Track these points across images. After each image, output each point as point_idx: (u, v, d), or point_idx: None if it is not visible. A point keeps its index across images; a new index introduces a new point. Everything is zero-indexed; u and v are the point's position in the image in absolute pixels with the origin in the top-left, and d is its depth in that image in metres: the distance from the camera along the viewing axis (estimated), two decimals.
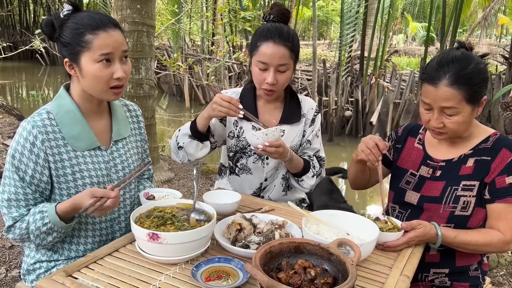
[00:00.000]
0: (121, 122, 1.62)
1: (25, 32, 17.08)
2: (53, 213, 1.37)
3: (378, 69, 9.70)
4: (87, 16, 1.41)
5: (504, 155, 1.54)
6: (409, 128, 1.84)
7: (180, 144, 1.86)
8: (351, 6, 9.23)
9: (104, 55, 1.39)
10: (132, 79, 3.82)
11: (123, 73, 1.43)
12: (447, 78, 1.47)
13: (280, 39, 1.77)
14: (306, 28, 30.49)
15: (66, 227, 1.41)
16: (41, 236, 1.41)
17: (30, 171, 1.39)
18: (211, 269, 1.27)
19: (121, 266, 1.29)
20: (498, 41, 27.14)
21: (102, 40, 1.38)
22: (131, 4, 3.67)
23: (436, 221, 1.59)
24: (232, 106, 1.70)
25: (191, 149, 1.85)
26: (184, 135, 1.85)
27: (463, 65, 1.48)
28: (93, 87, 1.44)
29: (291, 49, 1.80)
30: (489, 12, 15.42)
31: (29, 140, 1.39)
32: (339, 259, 1.16)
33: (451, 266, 1.66)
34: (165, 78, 13.01)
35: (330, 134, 8.50)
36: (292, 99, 1.98)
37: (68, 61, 1.43)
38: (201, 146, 1.87)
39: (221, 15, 9.10)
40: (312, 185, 1.99)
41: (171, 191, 1.72)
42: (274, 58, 1.77)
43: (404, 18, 27.51)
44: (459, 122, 1.51)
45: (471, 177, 1.58)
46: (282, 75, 1.81)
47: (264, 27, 1.83)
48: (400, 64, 15.74)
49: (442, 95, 1.47)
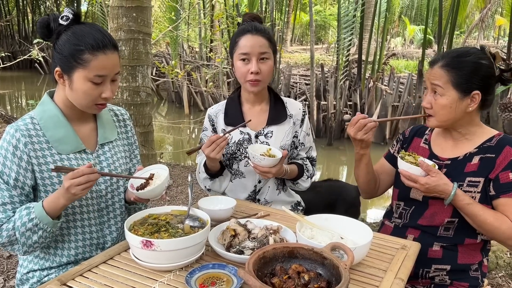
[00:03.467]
0: (107, 126, 1.63)
1: (24, 42, 17.14)
2: (40, 207, 1.36)
3: (376, 73, 9.71)
4: (90, 34, 1.40)
5: (508, 152, 1.58)
6: (415, 130, 1.89)
7: (208, 187, 2.04)
8: (348, 10, 9.26)
9: (98, 76, 1.41)
10: (129, 86, 3.83)
11: (111, 94, 1.46)
12: (441, 60, 1.60)
13: (257, 31, 1.88)
14: (304, 32, 30.62)
15: (53, 224, 1.39)
16: (27, 234, 1.38)
17: (13, 174, 1.40)
18: (205, 275, 1.27)
19: (115, 274, 1.29)
20: (496, 42, 27.23)
21: (100, 62, 1.40)
22: (127, 12, 3.69)
23: (441, 216, 1.64)
24: (218, 141, 1.75)
25: (217, 187, 2.03)
26: (205, 180, 2.02)
27: (462, 53, 1.60)
28: (79, 101, 1.46)
29: (269, 39, 1.90)
30: (486, 14, 15.47)
31: (12, 143, 1.40)
32: (332, 263, 1.16)
33: (453, 263, 1.67)
34: (164, 85, 13.04)
35: (329, 138, 8.50)
36: (276, 101, 2.04)
37: (60, 71, 1.43)
38: (223, 178, 2.02)
39: (218, 21, 9.14)
40: (307, 187, 2.09)
41: (156, 166, 1.59)
42: (254, 47, 1.86)
43: (401, 21, 27.63)
44: (443, 104, 1.59)
45: (476, 174, 1.61)
46: (264, 64, 1.88)
47: (240, 27, 1.95)
48: (398, 67, 15.77)
49: (433, 74, 1.61)
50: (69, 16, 1.42)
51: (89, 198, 1.54)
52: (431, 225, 1.67)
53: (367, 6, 10.61)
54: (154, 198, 1.52)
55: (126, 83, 3.83)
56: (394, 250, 1.50)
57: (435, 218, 1.66)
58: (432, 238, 1.68)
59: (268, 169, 1.80)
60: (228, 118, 1.99)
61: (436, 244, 1.67)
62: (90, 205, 1.54)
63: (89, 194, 1.54)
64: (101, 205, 1.58)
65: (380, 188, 1.94)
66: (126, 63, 3.77)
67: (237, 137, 1.98)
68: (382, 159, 1.96)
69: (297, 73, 13.17)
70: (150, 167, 1.57)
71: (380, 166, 1.94)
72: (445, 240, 1.66)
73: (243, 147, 1.97)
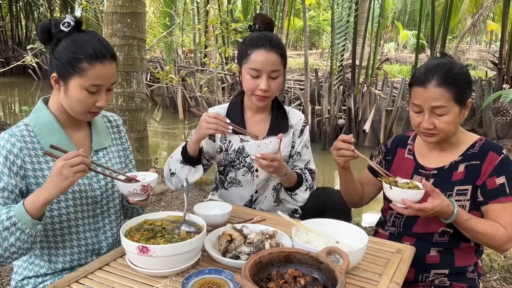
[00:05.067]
0: (101, 132, 1.63)
1: (17, 48, 17.07)
2: (20, 205, 1.31)
3: (370, 77, 9.76)
4: (89, 43, 1.41)
5: (492, 157, 1.61)
6: (397, 140, 1.88)
7: (172, 170, 1.86)
8: (341, 15, 9.32)
9: (94, 86, 1.41)
10: (123, 92, 3.84)
11: (105, 103, 1.47)
12: (435, 79, 1.56)
13: (271, 46, 1.80)
14: (297, 38, 30.73)
15: (32, 224, 1.30)
16: (3, 234, 1.30)
17: (5, 178, 1.39)
18: (201, 280, 1.27)
19: (111, 280, 1.29)
20: (488, 47, 27.49)
21: (97, 72, 1.40)
22: (122, 18, 3.70)
23: (436, 224, 1.64)
24: (219, 121, 1.69)
25: (183, 175, 1.84)
26: (175, 161, 1.85)
27: (449, 68, 1.58)
28: (72, 108, 1.46)
29: (281, 55, 1.83)
30: (477, 19, 15.60)
31: (6, 148, 1.40)
32: (328, 268, 1.17)
33: (451, 267, 1.68)
34: (158, 90, 13.03)
35: (323, 142, 8.52)
36: (279, 110, 2.00)
37: (56, 77, 1.44)
38: (194, 170, 1.86)
39: (213, 27, 9.16)
40: (305, 199, 1.99)
41: (144, 173, 1.57)
42: (266, 65, 1.79)
43: (394, 26, 27.82)
44: (449, 121, 1.57)
45: (463, 182, 1.63)
46: (274, 81, 1.84)
47: (253, 36, 1.85)
48: (391, 72, 15.87)
49: (431, 95, 1.55)
50: (71, 23, 1.42)
51: (84, 204, 1.53)
52: (427, 232, 1.68)
53: (361, 12, 10.67)
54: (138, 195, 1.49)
55: (120, 89, 3.83)
56: (389, 254, 1.50)
57: (430, 226, 1.67)
58: (428, 244, 1.68)
59: (275, 156, 1.69)
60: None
61: (433, 249, 1.68)
62: (85, 211, 1.54)
63: (84, 200, 1.53)
64: (96, 211, 1.58)
65: (365, 199, 1.94)
66: (120, 68, 3.77)
67: (237, 145, 1.95)
68: (365, 171, 1.95)
69: (291, 78, 13.23)
70: (140, 173, 1.58)
71: (364, 178, 1.93)
72: (441, 245, 1.68)
73: (243, 155, 1.94)
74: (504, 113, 6.63)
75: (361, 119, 8.87)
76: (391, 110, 8.59)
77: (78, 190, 1.50)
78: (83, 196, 1.52)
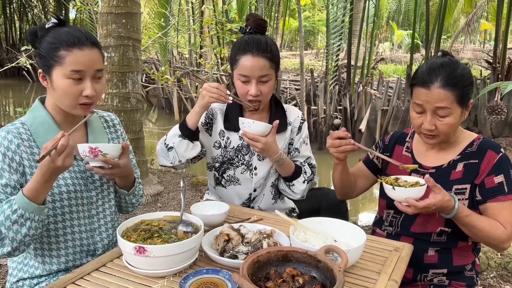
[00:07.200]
0: (98, 133, 1.62)
1: (11, 50, 16.98)
2: (20, 196, 1.30)
3: (365, 77, 9.77)
4: (66, 32, 1.42)
5: (490, 156, 1.60)
6: (396, 136, 1.87)
7: (170, 145, 1.83)
8: (336, 15, 9.33)
9: (74, 72, 1.40)
10: (119, 93, 3.82)
11: (92, 92, 1.44)
12: (439, 80, 1.54)
13: (259, 50, 1.78)
14: (293, 38, 30.77)
15: (39, 210, 1.32)
16: (14, 228, 1.31)
17: (7, 174, 1.38)
18: (199, 280, 1.26)
19: (108, 281, 1.28)
20: (482, 46, 27.62)
21: (75, 57, 1.40)
22: (117, 19, 3.69)
23: (434, 224, 1.64)
24: (221, 92, 1.71)
25: (181, 149, 1.81)
26: (173, 136, 1.82)
27: (452, 69, 1.56)
28: (61, 101, 1.45)
29: (271, 59, 1.81)
30: (471, 19, 15.69)
31: (3, 145, 1.39)
32: (326, 266, 1.17)
33: (449, 266, 1.68)
34: (154, 91, 12.98)
35: (320, 142, 8.52)
36: (277, 108, 2.00)
37: (42, 72, 1.45)
38: (192, 145, 1.84)
39: (208, 27, 9.16)
40: (303, 191, 1.98)
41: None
42: (254, 70, 1.78)
43: (389, 26, 27.89)
44: (451, 123, 1.56)
45: (461, 181, 1.63)
46: (264, 85, 1.83)
47: (242, 40, 1.84)
48: (386, 71, 15.91)
49: (435, 96, 1.54)
50: (54, 21, 1.45)
51: (80, 204, 1.52)
52: (425, 232, 1.67)
53: (355, 12, 10.69)
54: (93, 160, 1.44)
55: (116, 90, 3.82)
56: (387, 252, 1.50)
57: (428, 225, 1.66)
58: (426, 244, 1.68)
59: (257, 137, 1.74)
60: (227, 123, 1.94)
61: (431, 249, 1.68)
62: (80, 212, 1.53)
63: (80, 200, 1.52)
64: (91, 212, 1.57)
65: (356, 191, 1.93)
66: (116, 69, 3.76)
67: (236, 143, 1.95)
68: (360, 163, 1.94)
69: (287, 78, 13.23)
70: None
71: (358, 170, 1.93)
72: (439, 245, 1.68)
73: (242, 153, 1.94)
74: (499, 112, 6.64)
75: (357, 118, 8.89)
76: (387, 110, 8.61)
77: (74, 191, 1.49)
78: (78, 197, 1.51)
